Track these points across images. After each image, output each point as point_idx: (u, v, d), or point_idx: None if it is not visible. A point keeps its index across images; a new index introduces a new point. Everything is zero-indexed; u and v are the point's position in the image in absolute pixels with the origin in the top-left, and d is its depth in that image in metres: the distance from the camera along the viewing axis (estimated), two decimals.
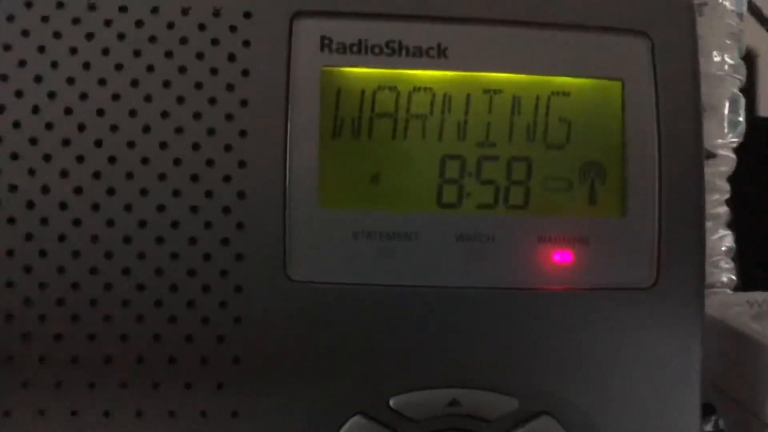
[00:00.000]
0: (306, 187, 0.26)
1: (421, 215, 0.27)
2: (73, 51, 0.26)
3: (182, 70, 0.26)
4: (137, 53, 0.26)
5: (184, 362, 0.26)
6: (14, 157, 0.26)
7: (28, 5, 0.26)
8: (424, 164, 0.27)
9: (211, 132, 0.26)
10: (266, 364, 0.26)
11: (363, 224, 0.27)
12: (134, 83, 0.26)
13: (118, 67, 0.26)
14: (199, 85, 0.26)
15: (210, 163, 0.26)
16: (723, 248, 0.40)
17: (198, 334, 0.26)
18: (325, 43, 0.27)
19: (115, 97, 0.26)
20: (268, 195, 0.26)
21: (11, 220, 0.26)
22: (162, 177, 0.26)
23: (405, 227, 0.27)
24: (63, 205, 0.26)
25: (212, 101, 0.26)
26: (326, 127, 0.27)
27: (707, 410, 0.33)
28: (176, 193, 0.26)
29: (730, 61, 0.40)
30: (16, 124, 0.26)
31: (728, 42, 0.40)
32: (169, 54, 0.26)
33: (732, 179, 0.40)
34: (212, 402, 0.26)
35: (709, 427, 0.35)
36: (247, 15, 0.27)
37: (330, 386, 0.26)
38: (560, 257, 0.27)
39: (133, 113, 0.26)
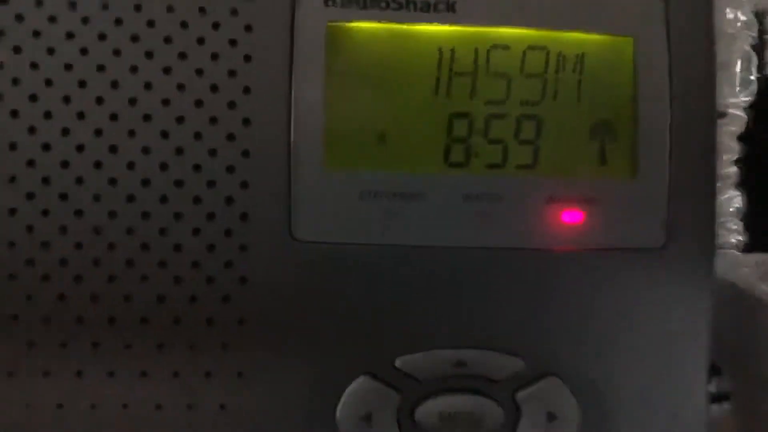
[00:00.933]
0: (311, 145, 0.26)
1: (429, 175, 0.26)
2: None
3: (184, 25, 0.26)
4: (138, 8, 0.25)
5: (189, 323, 0.26)
6: (14, 114, 0.25)
7: None
8: (431, 122, 0.26)
9: (214, 89, 0.26)
10: (271, 324, 0.26)
11: (369, 184, 0.26)
12: (134, 38, 0.25)
13: (119, 21, 0.25)
14: (201, 41, 0.26)
15: (213, 120, 0.26)
16: (732, 209, 0.39)
17: (203, 294, 0.26)
18: None
19: (116, 52, 0.25)
20: (273, 154, 0.26)
21: (12, 179, 0.25)
22: (164, 135, 0.25)
23: (412, 187, 0.26)
24: (65, 164, 0.25)
25: (214, 57, 0.26)
26: (332, 84, 0.26)
27: (712, 371, 0.33)
28: (179, 151, 0.26)
29: (743, 18, 0.39)
30: (16, 81, 0.25)
31: None
32: (170, 9, 0.26)
33: (742, 139, 0.40)
34: (217, 363, 0.26)
35: (713, 387, 0.35)
36: None
37: (336, 347, 0.26)
38: (569, 217, 0.27)
39: (134, 69, 0.25)
